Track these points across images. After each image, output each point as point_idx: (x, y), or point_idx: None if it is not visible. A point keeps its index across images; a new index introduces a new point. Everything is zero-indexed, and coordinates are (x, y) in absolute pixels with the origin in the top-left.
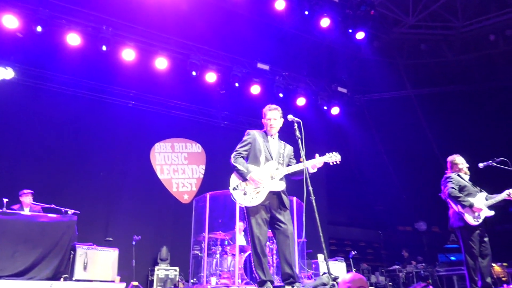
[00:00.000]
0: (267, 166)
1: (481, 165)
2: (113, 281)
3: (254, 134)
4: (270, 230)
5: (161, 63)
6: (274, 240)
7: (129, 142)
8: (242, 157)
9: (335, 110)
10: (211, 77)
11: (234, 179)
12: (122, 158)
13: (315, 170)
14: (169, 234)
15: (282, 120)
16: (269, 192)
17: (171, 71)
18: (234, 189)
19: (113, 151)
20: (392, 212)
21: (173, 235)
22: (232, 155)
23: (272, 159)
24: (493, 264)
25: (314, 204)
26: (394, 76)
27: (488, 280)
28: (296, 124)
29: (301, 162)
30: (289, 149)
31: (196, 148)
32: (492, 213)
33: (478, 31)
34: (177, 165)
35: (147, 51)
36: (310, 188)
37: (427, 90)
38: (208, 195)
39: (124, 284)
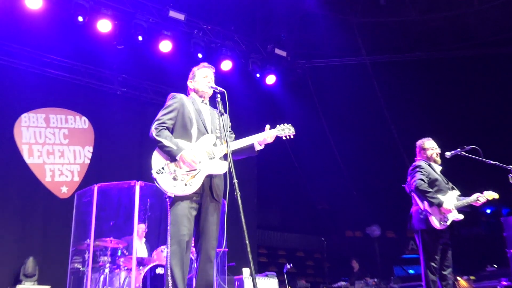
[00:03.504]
0: (202, 141)
1: (448, 154)
2: None
3: (181, 98)
4: None
5: (34, 1)
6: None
7: None
8: (167, 128)
9: (270, 79)
10: (104, 25)
11: (157, 159)
12: None
13: (262, 146)
14: (39, 241)
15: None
16: (206, 176)
17: (48, 13)
18: (158, 172)
19: None
20: (338, 213)
21: (44, 242)
22: (153, 126)
23: (207, 132)
24: (458, 278)
25: (239, 202)
26: (346, 38)
27: None
28: (219, 96)
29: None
30: (225, 118)
31: (81, 122)
32: (461, 217)
33: None
34: (52, 145)
35: None
36: (235, 180)
37: (386, 57)
38: (96, 188)
39: None
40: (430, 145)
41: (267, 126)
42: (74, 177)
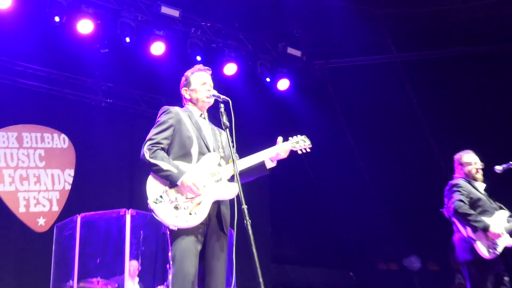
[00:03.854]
0: (204, 161)
1: (498, 168)
2: None
3: (177, 113)
4: None
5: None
6: None
7: None
8: (163, 149)
9: (283, 84)
10: (85, 26)
11: (154, 186)
12: None
13: (275, 163)
14: (12, 284)
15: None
16: (213, 202)
17: (18, 13)
18: (156, 202)
19: None
20: (368, 242)
21: (19, 285)
22: (145, 147)
23: (209, 151)
24: None
25: (250, 231)
26: (371, 33)
27: None
28: (222, 106)
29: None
30: (224, 135)
31: (59, 141)
32: None
33: None
34: (26, 169)
35: None
36: (244, 206)
37: (420, 54)
38: (79, 218)
39: None
40: (469, 159)
41: (280, 139)
42: (53, 207)
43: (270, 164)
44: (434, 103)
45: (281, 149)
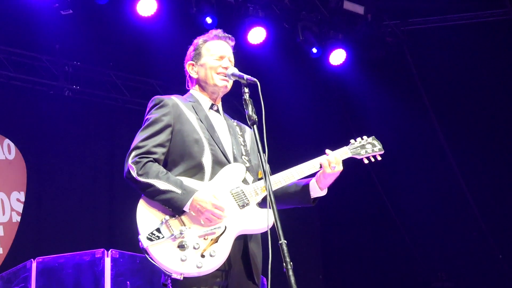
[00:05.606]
0: (223, 177)
1: None
2: None
3: (176, 105)
4: None
5: None
6: None
7: None
8: (156, 160)
9: (337, 56)
10: None
11: (147, 215)
12: None
13: (324, 192)
14: None
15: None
16: (237, 238)
17: None
18: (151, 238)
19: None
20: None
21: None
22: (130, 160)
23: (229, 160)
24: None
25: (292, 280)
26: None
27: None
28: (247, 91)
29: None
30: (249, 135)
31: (1, 150)
32: None
33: None
34: None
35: None
36: (283, 241)
37: None
38: (34, 265)
39: None
40: None
41: (328, 151)
42: None
43: (317, 193)
44: None
45: (331, 159)
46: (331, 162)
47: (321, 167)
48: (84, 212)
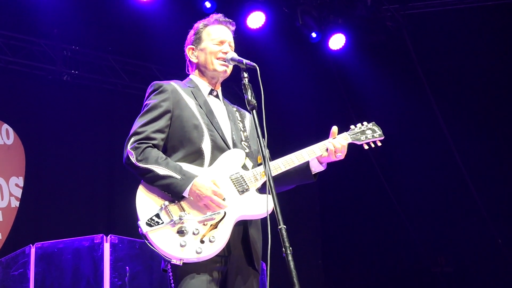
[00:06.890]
0: (223, 163)
1: None
2: None
3: (175, 91)
4: None
5: None
6: None
7: None
8: (155, 146)
9: (337, 40)
10: None
11: (147, 201)
12: None
13: (324, 167)
14: None
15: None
16: (236, 223)
17: None
18: (151, 224)
19: None
20: (474, 279)
21: None
22: (129, 145)
23: (228, 146)
24: None
25: (291, 266)
26: None
27: None
28: (246, 76)
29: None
30: (248, 121)
31: (1, 136)
32: None
33: None
34: None
35: None
36: (282, 227)
37: None
38: (33, 250)
39: None
40: None
41: (335, 129)
42: None
43: (317, 168)
44: None
45: (335, 144)
46: (338, 150)
47: (327, 150)
48: (83, 197)
